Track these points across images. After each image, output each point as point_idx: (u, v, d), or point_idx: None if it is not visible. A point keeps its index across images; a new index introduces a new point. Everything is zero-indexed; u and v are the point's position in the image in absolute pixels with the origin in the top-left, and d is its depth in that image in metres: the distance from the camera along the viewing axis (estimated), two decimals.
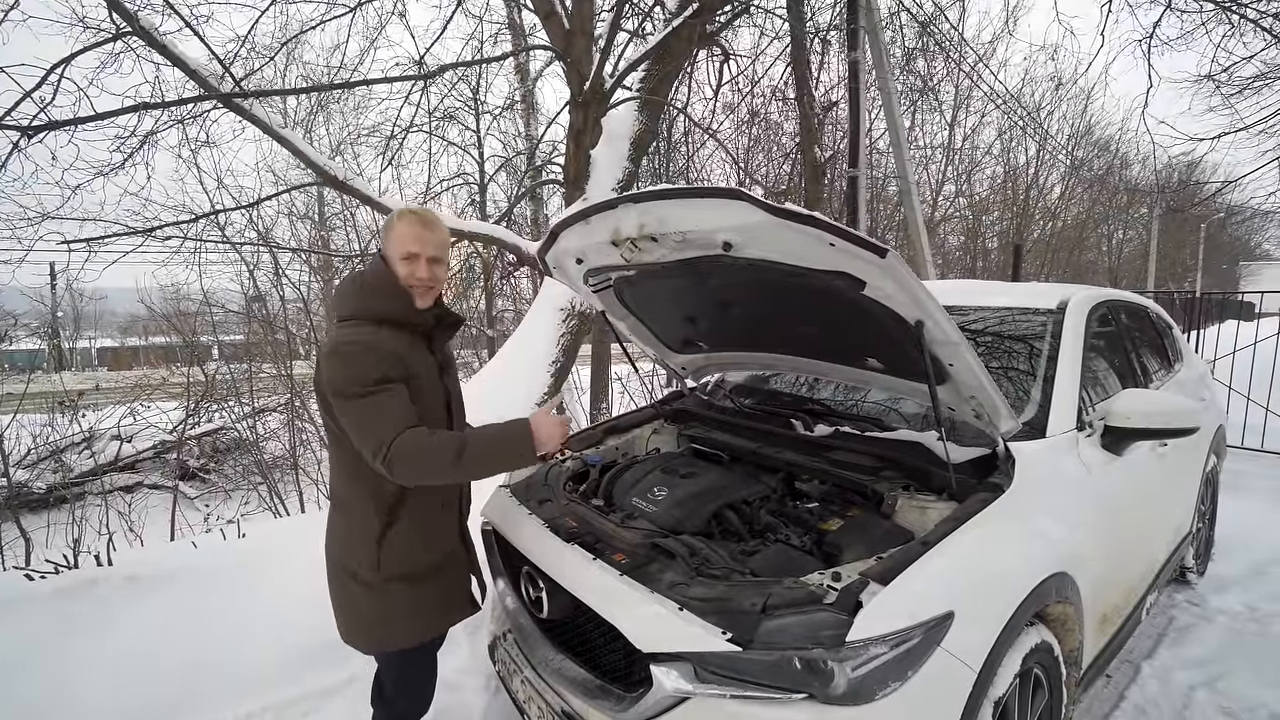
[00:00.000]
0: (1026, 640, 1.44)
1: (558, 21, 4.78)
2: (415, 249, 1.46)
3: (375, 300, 1.46)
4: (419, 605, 1.55)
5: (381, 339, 1.41)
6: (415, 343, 1.50)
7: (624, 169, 4.76)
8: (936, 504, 1.66)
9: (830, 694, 1.15)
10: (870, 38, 6.39)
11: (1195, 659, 2.52)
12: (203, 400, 6.35)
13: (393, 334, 1.44)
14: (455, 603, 1.64)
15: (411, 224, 1.47)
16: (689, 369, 2.58)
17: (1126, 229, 22.07)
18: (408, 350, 1.45)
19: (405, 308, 1.46)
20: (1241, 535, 3.60)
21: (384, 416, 1.35)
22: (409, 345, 1.47)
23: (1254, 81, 5.91)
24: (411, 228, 1.47)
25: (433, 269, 1.49)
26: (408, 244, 1.46)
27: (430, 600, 1.57)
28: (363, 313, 1.45)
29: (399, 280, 1.46)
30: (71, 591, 2.31)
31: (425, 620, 1.59)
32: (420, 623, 1.58)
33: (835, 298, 1.51)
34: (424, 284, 1.49)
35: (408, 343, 1.47)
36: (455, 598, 1.64)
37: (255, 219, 5.79)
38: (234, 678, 2.16)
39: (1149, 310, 3.12)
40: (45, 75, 3.26)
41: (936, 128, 12.48)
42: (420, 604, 1.55)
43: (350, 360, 1.38)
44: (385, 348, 1.40)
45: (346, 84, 4.62)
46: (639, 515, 1.80)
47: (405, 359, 1.43)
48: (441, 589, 1.59)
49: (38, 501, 5.69)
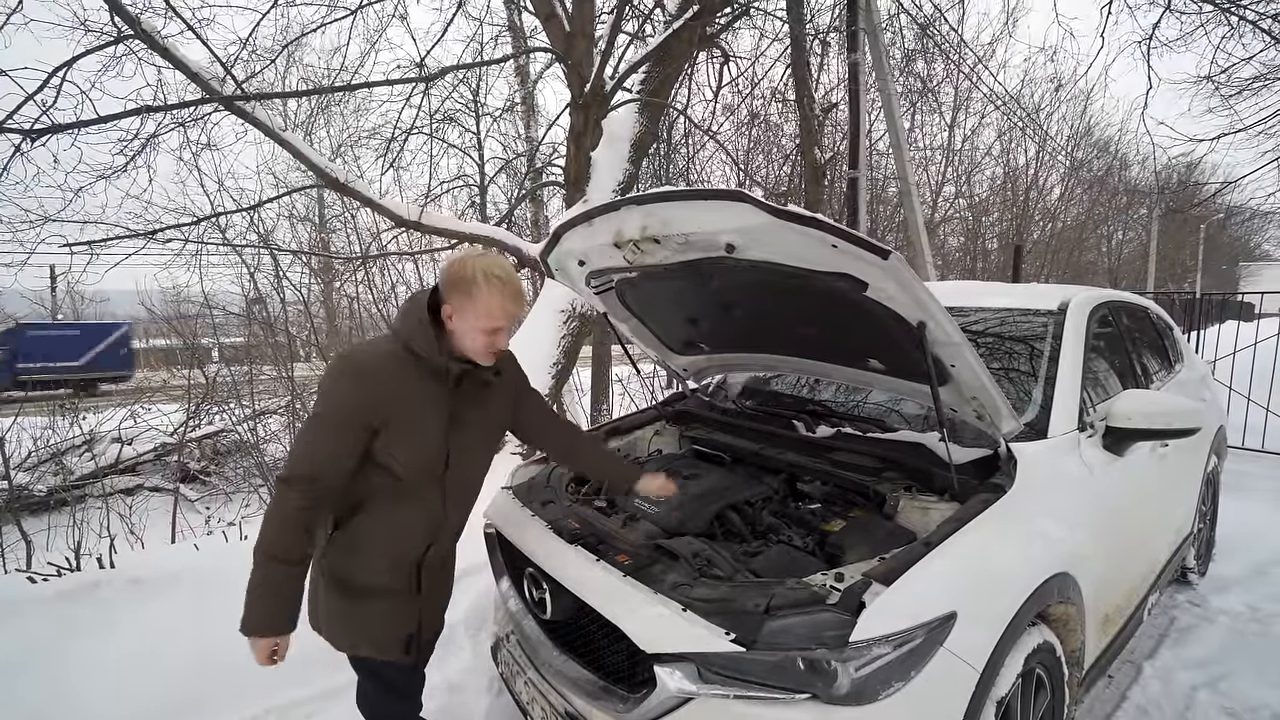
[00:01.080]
0: (1029, 640, 1.45)
1: (558, 24, 4.79)
2: (502, 324, 1.40)
3: (412, 331, 1.38)
4: (337, 613, 1.48)
5: (387, 367, 1.35)
6: (434, 384, 1.39)
7: (625, 171, 4.76)
8: (938, 505, 1.66)
9: (834, 694, 1.15)
10: (870, 39, 6.41)
11: (1197, 659, 2.52)
12: (203, 402, 6.35)
13: (412, 366, 1.37)
14: (375, 639, 1.49)
15: (504, 298, 1.36)
16: (690, 370, 2.58)
17: (1126, 230, 22.11)
18: (412, 389, 1.36)
19: (430, 348, 1.37)
20: (1242, 536, 3.60)
21: (305, 449, 1.33)
22: (422, 383, 1.38)
23: (1253, 83, 5.93)
24: (505, 303, 1.37)
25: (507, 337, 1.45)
26: (498, 319, 1.38)
27: (348, 618, 1.47)
28: (400, 335, 1.39)
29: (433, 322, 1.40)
30: (74, 594, 2.32)
31: (338, 632, 1.50)
32: (334, 630, 1.50)
33: (837, 299, 1.52)
34: (500, 350, 1.44)
35: (423, 381, 1.38)
36: (378, 634, 1.48)
37: (256, 221, 5.80)
38: (237, 680, 2.16)
39: (1149, 311, 3.12)
40: (47, 78, 3.27)
41: (936, 129, 12.54)
42: (338, 614, 1.48)
43: (332, 378, 1.35)
44: (376, 378, 1.33)
45: (348, 86, 4.64)
46: (641, 516, 1.80)
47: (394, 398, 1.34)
48: (362, 615, 1.46)
49: (38, 504, 5.69)
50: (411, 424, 1.37)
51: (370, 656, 1.52)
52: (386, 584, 1.46)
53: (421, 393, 1.38)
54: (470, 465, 1.54)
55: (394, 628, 1.49)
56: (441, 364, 1.38)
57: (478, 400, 1.49)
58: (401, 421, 1.35)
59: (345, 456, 1.33)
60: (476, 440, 1.53)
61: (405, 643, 1.51)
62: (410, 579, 1.49)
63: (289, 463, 1.34)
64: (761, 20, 6.68)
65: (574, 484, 2.15)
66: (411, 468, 1.40)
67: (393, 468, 1.38)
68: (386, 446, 1.36)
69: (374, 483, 1.40)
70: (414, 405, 1.37)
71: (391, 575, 1.46)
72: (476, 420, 1.50)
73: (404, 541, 1.47)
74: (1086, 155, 16.56)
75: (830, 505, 1.86)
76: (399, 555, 1.47)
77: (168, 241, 4.40)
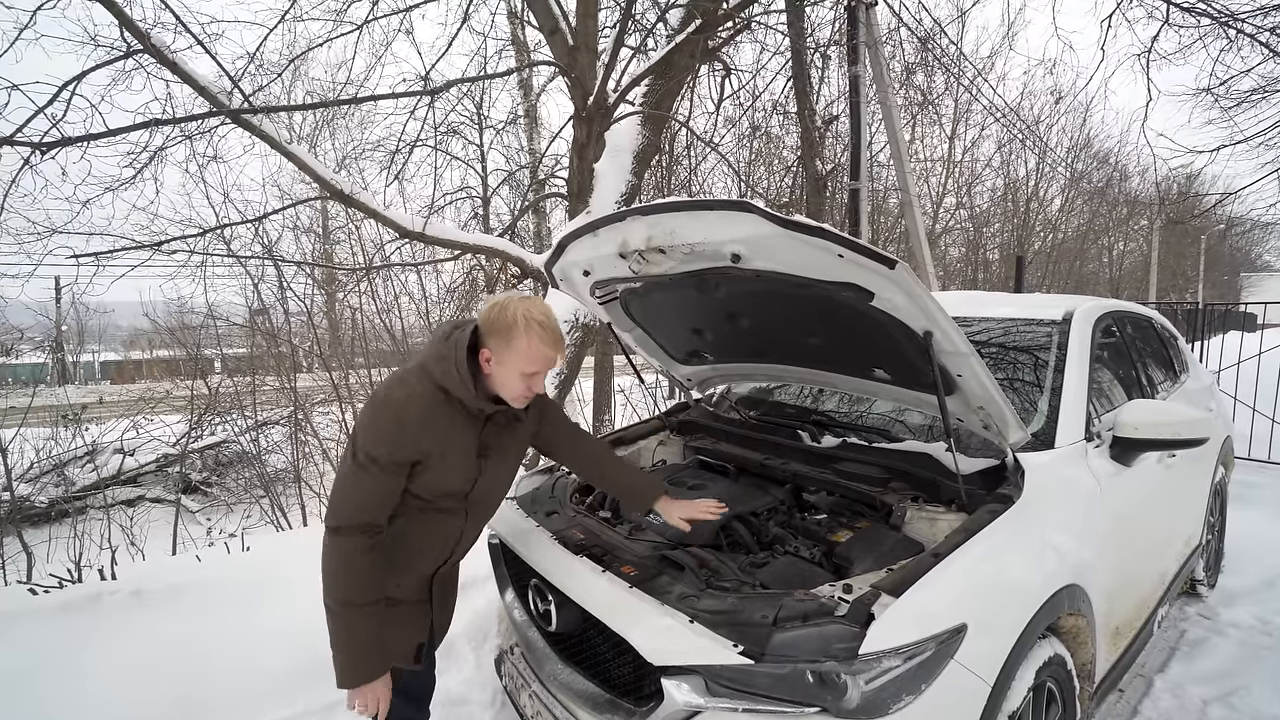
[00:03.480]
0: (1040, 653, 1.43)
1: (561, 38, 4.85)
2: (542, 369, 1.41)
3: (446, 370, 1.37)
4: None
5: (422, 408, 1.35)
6: (465, 421, 1.42)
7: (627, 182, 4.79)
8: (946, 515, 1.65)
9: (843, 707, 1.14)
10: (870, 53, 6.47)
11: (1208, 673, 2.49)
12: (206, 413, 6.35)
13: (444, 405, 1.38)
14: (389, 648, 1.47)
15: (545, 344, 1.38)
16: (695, 380, 2.58)
17: (1127, 241, 22.15)
18: (446, 427, 1.38)
19: (467, 393, 1.37)
20: (1251, 547, 3.56)
21: (351, 497, 1.33)
22: (454, 421, 1.40)
23: (1252, 95, 5.96)
24: (545, 349, 1.38)
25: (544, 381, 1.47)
26: (538, 365, 1.39)
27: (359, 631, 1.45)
28: (434, 375, 1.38)
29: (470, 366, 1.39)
30: (76, 606, 2.30)
31: None
32: None
33: (843, 309, 1.52)
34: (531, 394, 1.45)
35: (454, 419, 1.40)
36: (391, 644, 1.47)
37: (261, 233, 5.83)
38: (240, 692, 2.14)
39: (1154, 321, 3.12)
40: (57, 92, 3.30)
41: (937, 141, 12.61)
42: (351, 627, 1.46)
43: (369, 423, 1.34)
44: (411, 422, 1.34)
45: (354, 100, 4.68)
46: (647, 527, 1.79)
47: (429, 436, 1.36)
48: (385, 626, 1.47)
49: (39, 515, 5.69)
50: (444, 458, 1.39)
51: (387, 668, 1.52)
52: (403, 596, 1.48)
53: (455, 429, 1.40)
54: (494, 489, 1.57)
55: (409, 636, 1.52)
56: (477, 408, 1.40)
57: (505, 432, 1.52)
58: (436, 457, 1.37)
59: (392, 496, 1.36)
60: (502, 466, 1.55)
61: (417, 650, 1.53)
62: (425, 590, 1.52)
63: (338, 512, 1.32)
64: (763, 34, 6.74)
65: (578, 494, 2.15)
66: (438, 493, 1.42)
67: (421, 494, 1.41)
68: (419, 476, 1.38)
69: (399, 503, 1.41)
70: (448, 441, 1.39)
71: (408, 588, 1.49)
72: (504, 448, 1.52)
73: (424, 556, 1.49)
74: (1087, 167, 16.64)
75: (837, 516, 1.85)
76: (417, 570, 1.49)
77: (173, 253, 4.42)
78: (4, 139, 3.02)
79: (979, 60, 11.79)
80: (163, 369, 9.78)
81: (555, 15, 4.84)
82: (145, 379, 11.78)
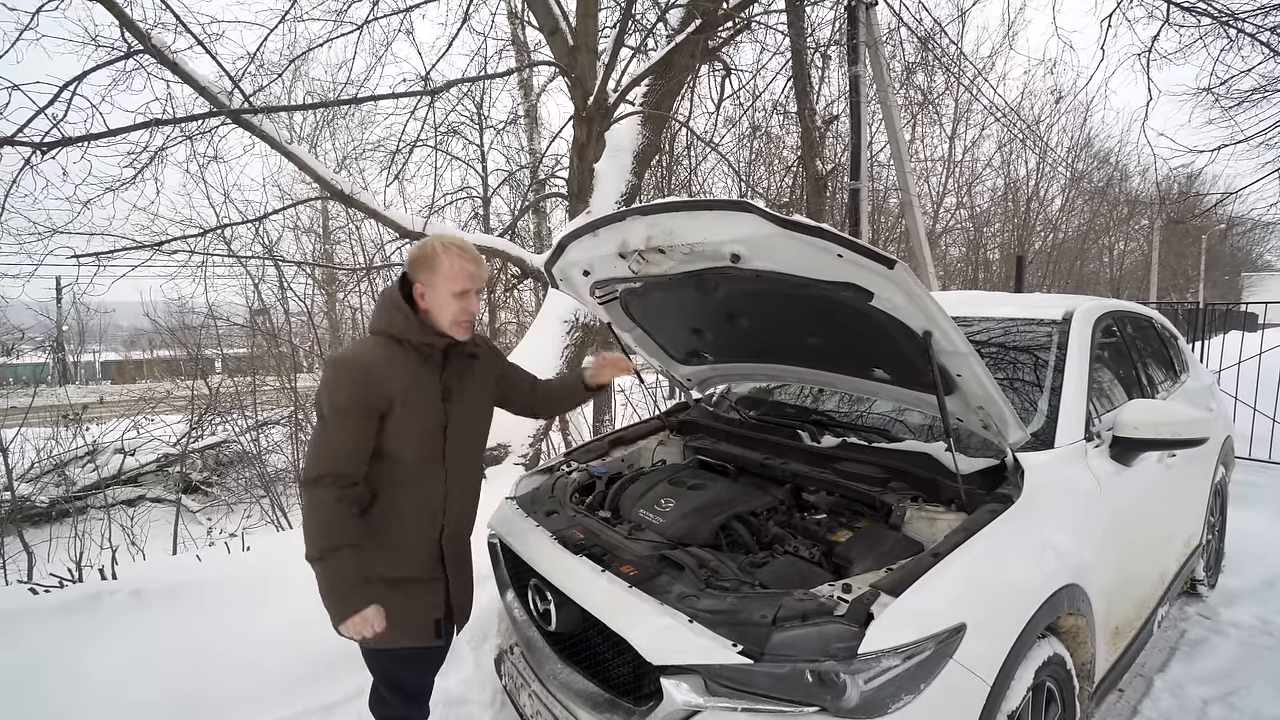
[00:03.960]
0: (1039, 653, 1.43)
1: (562, 38, 4.85)
2: (469, 285, 1.50)
3: (389, 317, 1.50)
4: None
5: (377, 356, 1.45)
6: (422, 364, 1.50)
7: (627, 182, 4.80)
8: (945, 515, 1.65)
9: (842, 707, 1.14)
10: (870, 53, 6.47)
11: (1209, 673, 2.49)
12: (206, 413, 6.36)
13: (399, 352, 1.48)
14: (407, 627, 1.53)
15: (464, 261, 1.49)
16: (695, 380, 2.58)
17: (1128, 240, 22.14)
18: (405, 370, 1.47)
19: (413, 329, 1.48)
20: (1252, 547, 3.56)
21: (324, 447, 1.41)
22: (410, 365, 1.48)
23: (1252, 94, 5.95)
24: (465, 265, 1.49)
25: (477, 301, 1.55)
26: (462, 281, 1.48)
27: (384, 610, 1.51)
28: (380, 329, 1.51)
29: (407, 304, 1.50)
30: (76, 606, 2.30)
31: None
32: None
33: (842, 308, 1.52)
34: (471, 318, 1.54)
35: (411, 363, 1.48)
36: (410, 622, 1.54)
37: (261, 233, 5.84)
38: (240, 691, 2.15)
39: (1154, 321, 3.12)
40: (58, 92, 3.31)
41: (937, 140, 12.59)
42: None
43: (330, 378, 1.45)
44: (370, 368, 1.43)
45: (354, 100, 4.69)
46: (646, 527, 1.79)
47: (391, 380, 1.44)
48: (392, 607, 1.49)
49: (40, 515, 5.69)
50: (407, 402, 1.46)
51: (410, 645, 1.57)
52: (411, 573, 1.54)
53: (413, 374, 1.48)
54: (468, 439, 1.63)
55: (424, 612, 1.57)
56: (425, 340, 1.50)
57: (465, 375, 1.61)
58: (402, 404, 1.45)
59: (363, 446, 1.43)
60: (469, 413, 1.62)
61: (435, 626, 1.59)
62: (432, 564, 1.57)
63: (313, 464, 1.39)
64: (763, 34, 6.74)
65: (578, 494, 2.15)
66: (413, 446, 1.48)
67: (397, 452, 1.47)
68: (392, 430, 1.45)
69: (381, 474, 1.48)
70: (410, 386, 1.47)
71: (412, 564, 1.54)
72: (466, 393, 1.60)
73: (415, 528, 1.54)
74: (1087, 166, 16.64)
75: (836, 516, 1.85)
76: (416, 539, 1.54)
77: (174, 253, 4.43)
78: (5, 139, 3.03)
79: (979, 60, 11.80)
80: (163, 369, 9.79)
81: (555, 15, 4.85)
82: (146, 379, 11.80)
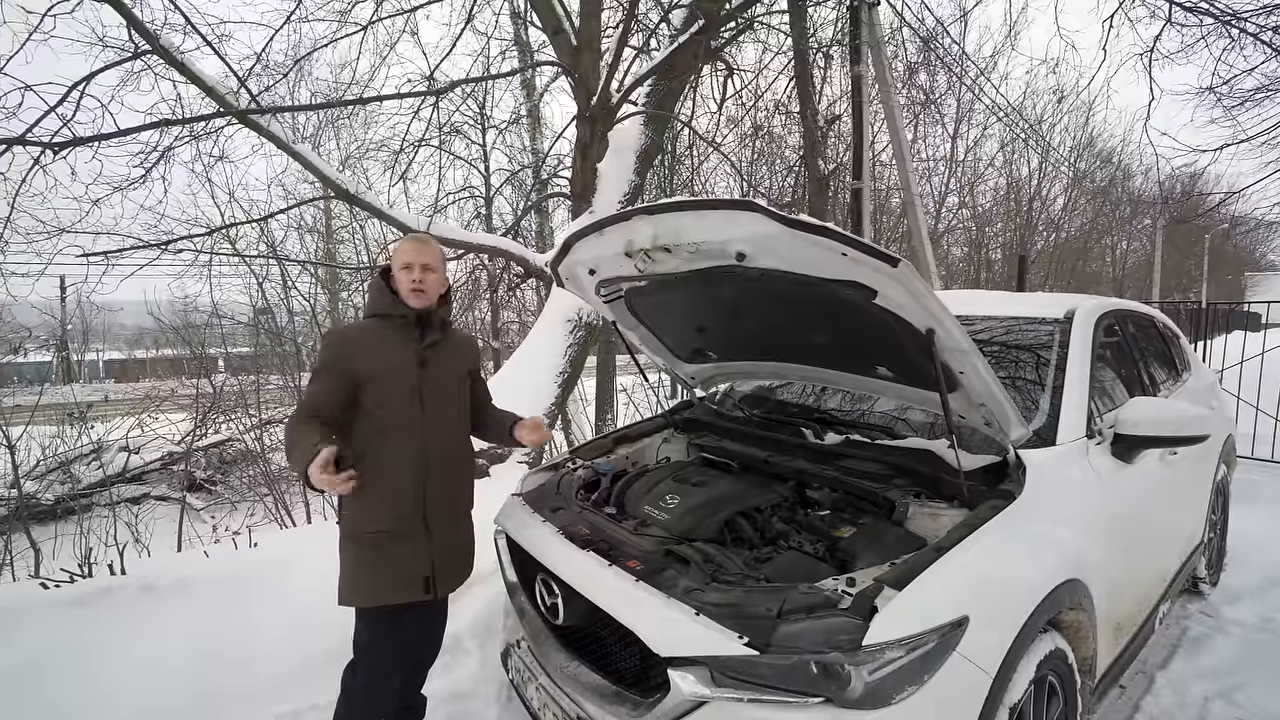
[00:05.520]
0: (1041, 647, 1.45)
1: (565, 39, 4.87)
2: (408, 259, 1.80)
3: (373, 298, 1.86)
4: (361, 569, 1.73)
5: (359, 332, 1.85)
6: (399, 336, 1.79)
7: (630, 182, 4.82)
8: (948, 511, 1.67)
9: (847, 698, 1.16)
10: (873, 53, 6.48)
11: (1210, 670, 2.50)
12: (210, 412, 6.39)
13: (379, 325, 1.80)
14: (396, 581, 1.73)
15: (406, 243, 1.85)
16: (699, 378, 2.60)
17: (1131, 240, 22.09)
18: (382, 340, 1.77)
19: (388, 304, 1.80)
20: (1254, 546, 3.57)
21: (306, 396, 1.74)
22: (388, 336, 1.78)
23: (1255, 94, 5.95)
24: (405, 245, 1.84)
25: (424, 275, 1.79)
26: (404, 256, 1.80)
27: (371, 568, 1.72)
28: (369, 310, 1.86)
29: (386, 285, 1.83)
30: (87, 600, 2.33)
31: (365, 586, 1.73)
32: (361, 587, 1.73)
33: (846, 307, 1.54)
34: (415, 286, 1.79)
35: (388, 334, 1.78)
36: (396, 576, 1.73)
37: (265, 232, 5.87)
38: (249, 686, 2.17)
39: (1155, 320, 3.13)
40: (67, 92, 3.34)
41: (939, 140, 12.58)
42: (362, 568, 1.72)
43: (321, 345, 1.85)
44: (346, 337, 1.84)
45: (360, 100, 4.72)
46: (652, 523, 1.81)
47: (366, 347, 1.74)
48: (381, 562, 1.72)
49: (45, 513, 5.71)
50: (387, 368, 1.74)
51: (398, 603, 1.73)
52: (391, 526, 1.72)
53: (394, 344, 1.78)
54: (442, 401, 1.83)
55: (411, 568, 1.74)
56: (397, 311, 1.79)
57: (440, 348, 1.85)
58: (379, 371, 1.72)
59: (335, 398, 1.69)
60: (442, 379, 1.84)
61: (425, 582, 1.75)
62: (413, 519, 1.75)
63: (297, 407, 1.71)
64: (765, 34, 6.76)
65: (584, 491, 2.17)
66: (393, 405, 1.73)
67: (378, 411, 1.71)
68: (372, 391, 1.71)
69: (367, 430, 1.71)
70: (389, 353, 1.76)
71: (394, 516, 1.73)
72: (441, 362, 1.85)
73: (398, 478, 1.73)
74: (1090, 166, 16.61)
75: (840, 512, 1.86)
76: (397, 494, 1.73)
77: (179, 252, 4.46)
78: (16, 139, 3.05)
79: (981, 60, 11.79)
80: (167, 368, 9.81)
81: (559, 16, 4.87)
82: (149, 378, 11.84)
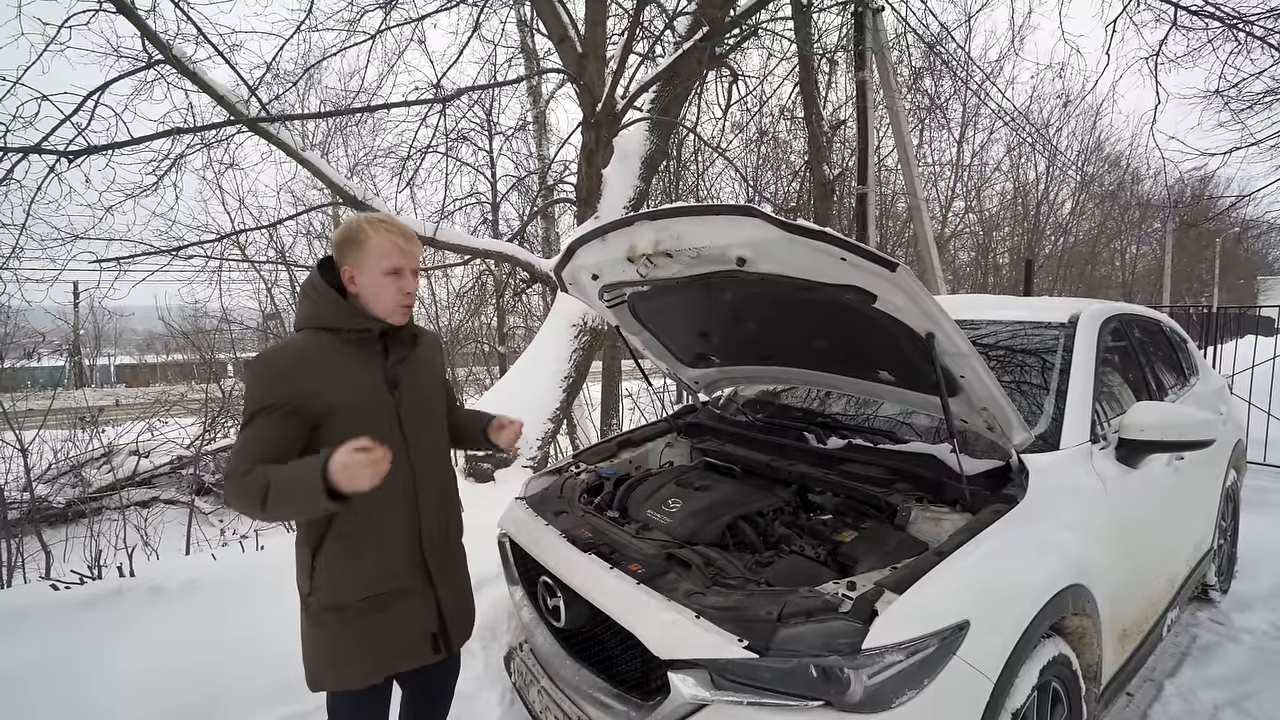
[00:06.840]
0: (1044, 652, 1.44)
1: (571, 46, 4.92)
2: (400, 262, 1.35)
3: (314, 308, 1.35)
4: (347, 644, 1.37)
5: (298, 350, 1.31)
6: (358, 354, 1.35)
7: (635, 187, 4.84)
8: (950, 515, 1.67)
9: (847, 701, 1.16)
10: (877, 58, 6.49)
11: (1220, 678, 2.47)
12: (219, 416, 6.45)
13: (326, 341, 1.32)
14: (398, 647, 1.41)
15: (393, 236, 1.33)
16: (702, 383, 2.61)
17: (1140, 244, 21.92)
18: (339, 363, 1.32)
19: (343, 314, 1.34)
20: (1266, 553, 3.53)
21: (241, 451, 1.24)
22: (346, 357, 1.33)
23: (1264, 97, 5.92)
24: (394, 240, 1.33)
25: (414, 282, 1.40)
26: (392, 258, 1.33)
27: (361, 642, 1.37)
28: (306, 321, 1.36)
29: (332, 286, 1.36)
30: (96, 602, 2.36)
31: (356, 663, 1.38)
32: (352, 665, 1.38)
33: (846, 311, 1.54)
34: (410, 300, 1.38)
35: (341, 353, 1.33)
36: (398, 642, 1.40)
37: (274, 239, 5.94)
38: (256, 687, 2.18)
39: (1162, 324, 3.11)
40: (82, 101, 3.40)
41: (945, 145, 12.57)
42: (349, 643, 1.37)
43: (249, 383, 1.30)
44: (289, 362, 1.29)
45: (368, 108, 4.78)
46: (654, 526, 1.82)
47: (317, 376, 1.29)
48: (378, 630, 1.37)
49: (56, 516, 5.78)
50: (353, 399, 1.31)
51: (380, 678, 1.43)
52: (391, 586, 1.39)
53: (352, 367, 1.33)
54: (425, 428, 1.46)
55: (417, 627, 1.44)
56: (360, 326, 1.34)
57: (411, 362, 1.45)
58: (342, 402, 1.30)
59: (286, 441, 1.25)
60: (421, 401, 1.46)
61: (432, 640, 1.47)
62: (413, 573, 1.43)
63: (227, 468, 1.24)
64: (769, 40, 6.80)
65: (586, 495, 2.18)
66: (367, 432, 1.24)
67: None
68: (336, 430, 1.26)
69: None
70: (351, 379, 1.32)
71: (391, 575, 1.39)
72: (415, 381, 1.45)
73: (389, 530, 1.38)
74: (1097, 170, 16.53)
75: (842, 516, 1.86)
76: (391, 548, 1.39)
77: (190, 258, 4.52)
78: (32, 147, 3.11)
79: (987, 64, 11.77)
80: (176, 372, 9.92)
81: (564, 23, 4.91)
82: (159, 382, 11.97)
